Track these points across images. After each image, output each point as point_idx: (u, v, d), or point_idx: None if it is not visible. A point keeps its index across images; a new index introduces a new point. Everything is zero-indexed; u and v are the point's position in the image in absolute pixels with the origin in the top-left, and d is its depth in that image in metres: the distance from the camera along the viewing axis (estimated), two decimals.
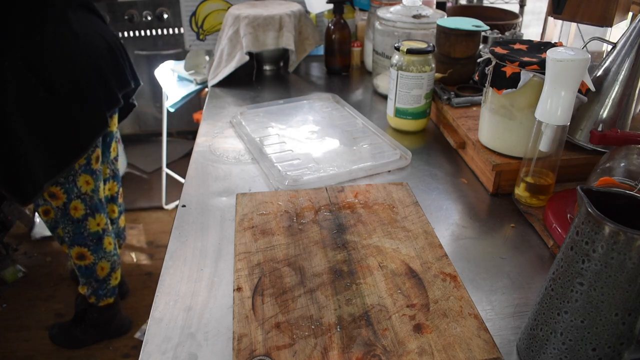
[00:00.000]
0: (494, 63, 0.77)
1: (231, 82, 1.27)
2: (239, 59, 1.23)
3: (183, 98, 1.93)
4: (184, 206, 0.78)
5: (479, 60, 0.82)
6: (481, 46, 1.07)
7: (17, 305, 1.87)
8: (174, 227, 0.73)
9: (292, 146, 0.93)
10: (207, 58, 1.87)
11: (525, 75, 0.72)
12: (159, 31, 2.52)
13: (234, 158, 0.92)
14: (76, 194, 1.41)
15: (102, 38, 1.37)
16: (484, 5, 1.94)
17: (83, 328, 1.65)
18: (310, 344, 0.52)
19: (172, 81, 2.03)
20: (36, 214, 2.17)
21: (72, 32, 1.28)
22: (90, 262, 1.52)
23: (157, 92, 2.63)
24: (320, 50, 1.45)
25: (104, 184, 1.64)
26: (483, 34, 1.11)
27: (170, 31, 2.52)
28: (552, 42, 0.81)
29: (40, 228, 2.21)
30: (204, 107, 1.15)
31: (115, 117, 1.59)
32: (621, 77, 0.73)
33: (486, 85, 0.79)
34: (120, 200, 1.75)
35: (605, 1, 0.77)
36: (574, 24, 1.55)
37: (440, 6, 1.43)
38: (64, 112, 1.26)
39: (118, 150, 1.68)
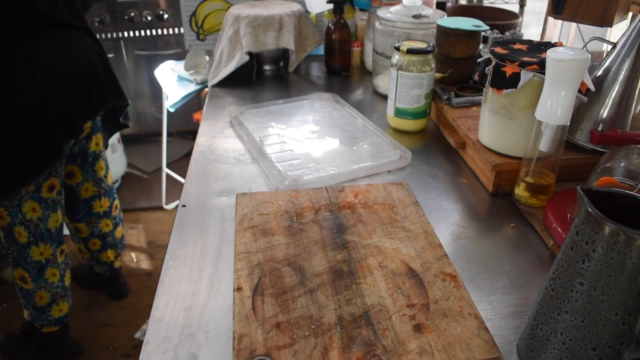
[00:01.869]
0: (494, 63, 0.77)
1: (231, 82, 1.27)
2: (239, 59, 1.23)
3: (183, 98, 1.93)
4: (184, 206, 0.78)
5: (479, 60, 0.82)
6: (481, 46, 1.07)
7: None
8: (174, 227, 0.73)
9: (292, 146, 0.93)
10: (207, 58, 1.87)
11: (525, 75, 0.72)
12: (159, 31, 2.51)
13: (234, 158, 0.92)
14: (20, 220, 1.35)
15: (70, 63, 1.31)
16: (484, 5, 1.94)
17: (29, 348, 1.59)
18: (311, 343, 0.52)
19: (172, 81, 2.03)
20: None
21: (32, 58, 1.23)
22: (30, 288, 1.45)
23: (157, 92, 2.63)
24: (320, 50, 1.45)
25: (93, 201, 1.61)
26: (483, 34, 1.11)
27: (170, 31, 2.52)
28: (552, 42, 0.81)
29: None
30: (204, 107, 1.15)
31: (99, 137, 1.54)
32: (621, 77, 0.73)
33: (486, 85, 0.79)
34: (115, 213, 1.71)
35: (605, 1, 0.77)
36: (574, 24, 1.55)
37: (440, 6, 1.42)
38: (8, 140, 1.21)
39: (107, 167, 1.63)
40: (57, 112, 1.28)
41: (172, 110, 1.99)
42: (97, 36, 1.86)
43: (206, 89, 1.59)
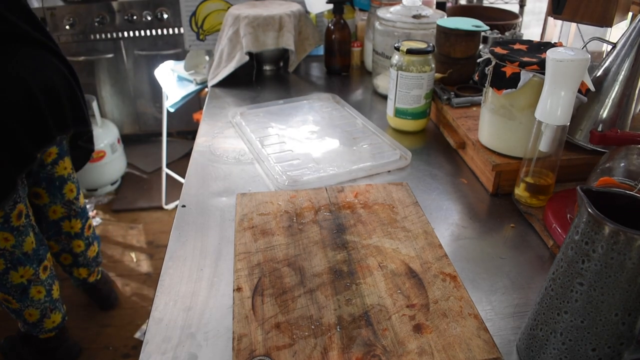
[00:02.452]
0: (493, 63, 0.77)
1: (231, 82, 1.27)
2: (239, 59, 1.23)
3: (183, 98, 1.94)
4: (183, 206, 0.78)
5: (479, 60, 0.82)
6: (481, 46, 1.07)
7: None
8: (174, 227, 0.73)
9: (292, 146, 0.93)
10: (207, 58, 1.87)
11: (525, 75, 0.72)
12: (159, 31, 2.52)
13: (234, 158, 0.92)
14: None
15: (20, 87, 1.20)
16: (484, 5, 1.94)
17: (29, 350, 1.57)
18: (310, 344, 0.52)
19: (172, 81, 2.03)
20: None
21: None
22: (17, 307, 1.43)
23: (157, 92, 2.63)
24: (320, 50, 1.45)
25: (62, 221, 1.56)
26: (483, 34, 1.11)
27: (170, 31, 2.52)
28: (552, 42, 0.81)
29: None
30: (204, 107, 1.15)
31: (67, 161, 1.49)
32: (621, 77, 0.73)
33: (486, 85, 0.79)
34: (88, 233, 1.66)
35: (605, 1, 0.77)
36: (574, 24, 1.55)
37: (440, 6, 1.42)
38: None
39: (78, 189, 1.58)
40: (4, 143, 1.19)
41: (172, 110, 1.99)
42: (97, 37, 1.85)
43: (206, 89, 1.59)
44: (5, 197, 1.23)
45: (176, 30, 2.52)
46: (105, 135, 2.45)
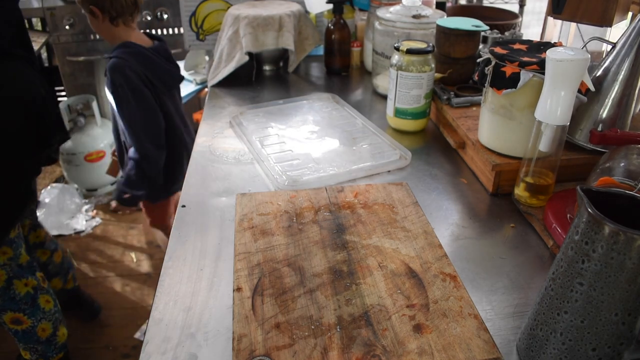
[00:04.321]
0: (493, 63, 0.77)
1: (231, 82, 1.27)
2: (239, 59, 1.23)
3: (183, 98, 1.93)
4: (183, 206, 0.78)
5: (478, 60, 0.82)
6: (481, 46, 1.07)
7: None
8: (173, 227, 0.73)
9: (292, 146, 0.93)
10: (206, 58, 1.87)
11: (525, 75, 0.72)
12: (159, 31, 2.51)
13: (234, 158, 0.92)
14: None
15: (17, 99, 1.20)
16: (484, 5, 1.94)
17: None
18: (310, 344, 0.52)
19: None
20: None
21: None
22: (27, 327, 1.39)
23: None
24: (320, 50, 1.45)
25: (29, 234, 1.53)
26: (483, 34, 1.11)
27: (170, 31, 2.52)
28: (552, 42, 0.81)
29: None
30: (204, 107, 1.15)
31: None
32: (621, 77, 0.73)
33: (486, 85, 0.79)
34: (48, 240, 1.62)
35: (605, 1, 0.77)
36: (573, 24, 1.55)
37: (440, 6, 1.43)
38: None
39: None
40: (13, 155, 1.20)
41: None
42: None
43: (206, 89, 1.59)
44: (24, 208, 1.26)
45: (176, 30, 2.52)
46: (105, 135, 2.44)
